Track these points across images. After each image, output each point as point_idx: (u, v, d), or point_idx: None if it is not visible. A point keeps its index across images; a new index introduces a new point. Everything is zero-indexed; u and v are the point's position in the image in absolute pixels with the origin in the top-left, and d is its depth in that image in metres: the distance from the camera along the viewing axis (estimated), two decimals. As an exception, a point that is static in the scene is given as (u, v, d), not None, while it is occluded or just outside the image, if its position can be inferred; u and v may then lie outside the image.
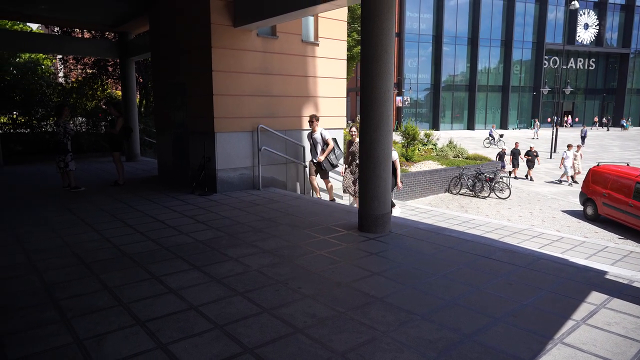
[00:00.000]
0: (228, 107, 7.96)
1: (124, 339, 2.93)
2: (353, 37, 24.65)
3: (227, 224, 5.96)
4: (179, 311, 3.33)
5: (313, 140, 8.63)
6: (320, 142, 8.62)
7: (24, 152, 13.77)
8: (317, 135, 8.59)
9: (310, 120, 8.56)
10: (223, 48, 7.81)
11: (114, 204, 7.22)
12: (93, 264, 4.36)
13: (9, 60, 16.24)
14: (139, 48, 12.90)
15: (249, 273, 4.12)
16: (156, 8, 9.51)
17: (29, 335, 2.99)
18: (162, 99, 9.73)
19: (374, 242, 5.13)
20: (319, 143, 8.62)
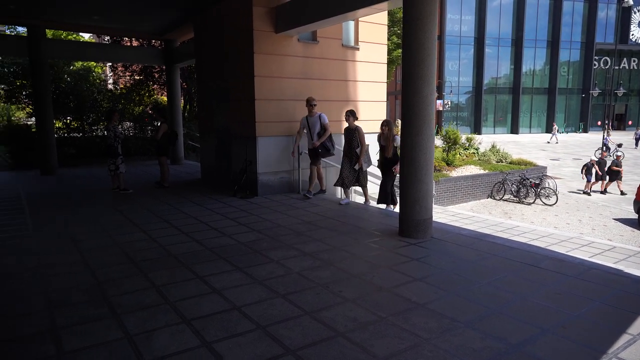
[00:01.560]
0: (269, 112, 8.09)
1: (170, 336, 3.03)
2: (393, 40, 24.50)
3: (268, 226, 6.05)
4: (222, 311, 3.41)
5: (309, 123, 7.91)
6: (318, 126, 7.88)
7: (76, 155, 14.47)
8: (314, 119, 7.87)
9: (311, 103, 7.87)
10: (265, 54, 7.95)
11: (160, 205, 7.48)
12: (141, 263, 4.54)
13: (64, 68, 17.14)
14: (184, 55, 13.33)
15: (290, 275, 4.17)
16: (201, 16, 9.80)
17: (83, 329, 3.14)
18: (205, 104, 10.01)
19: (414, 247, 5.07)
20: (315, 126, 7.88)
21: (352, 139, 7.56)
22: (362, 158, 7.50)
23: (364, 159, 7.54)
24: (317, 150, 7.94)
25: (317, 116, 7.90)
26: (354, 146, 7.56)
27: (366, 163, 7.61)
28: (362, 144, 7.50)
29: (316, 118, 7.90)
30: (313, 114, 7.92)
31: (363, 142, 7.51)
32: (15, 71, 16.78)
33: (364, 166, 7.56)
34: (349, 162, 7.65)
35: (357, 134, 7.52)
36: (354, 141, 7.55)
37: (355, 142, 7.54)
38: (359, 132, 7.52)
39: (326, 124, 7.91)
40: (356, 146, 7.52)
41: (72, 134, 15.85)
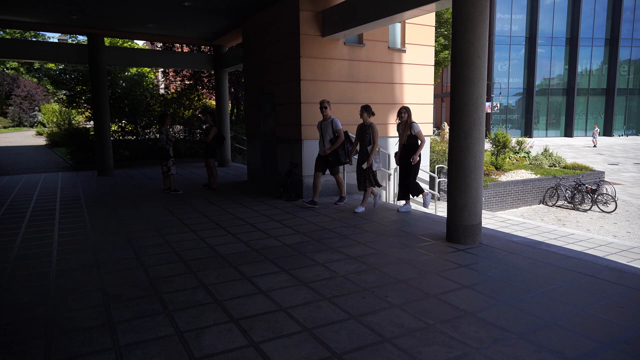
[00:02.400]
0: (315, 115, 8.13)
1: (219, 335, 3.09)
2: (439, 41, 24.05)
3: (313, 229, 6.08)
4: (269, 312, 3.45)
5: (322, 127, 7.43)
6: (330, 131, 7.32)
7: (130, 156, 15.13)
8: (327, 123, 7.38)
9: (322, 106, 7.31)
10: (311, 57, 8.01)
11: (208, 206, 7.68)
12: (191, 262, 4.67)
13: (119, 74, 17.99)
14: (232, 60, 13.65)
15: (336, 279, 4.16)
16: (249, 22, 10.01)
17: (137, 323, 3.27)
18: (252, 108, 10.20)
19: (463, 253, 4.94)
20: (327, 132, 7.35)
21: (365, 135, 7.00)
22: (372, 156, 6.92)
23: (374, 158, 6.98)
24: (327, 159, 7.41)
25: (330, 121, 7.34)
26: (365, 143, 7.01)
27: (376, 163, 7.05)
28: (375, 141, 6.92)
29: (328, 123, 7.35)
30: (326, 118, 7.37)
31: (376, 140, 6.93)
32: (76, 77, 17.77)
33: (373, 165, 6.97)
34: (358, 160, 7.21)
35: (370, 131, 6.96)
36: (366, 138, 6.99)
37: (368, 139, 6.98)
38: (372, 129, 6.95)
39: (339, 129, 7.29)
40: (368, 143, 6.98)
41: (126, 137, 16.58)
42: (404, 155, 6.98)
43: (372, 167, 6.98)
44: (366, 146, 7.00)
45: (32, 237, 5.77)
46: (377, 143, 6.92)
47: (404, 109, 6.86)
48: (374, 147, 6.92)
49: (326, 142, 7.36)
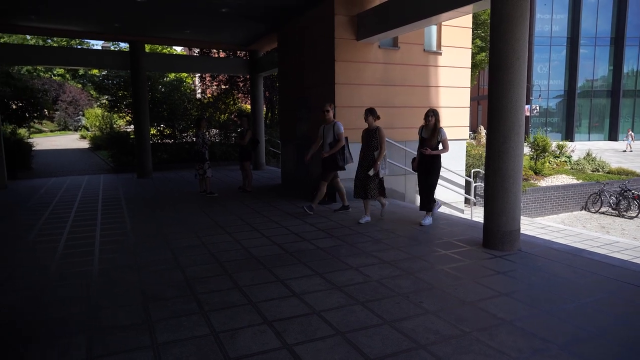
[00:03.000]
0: (349, 119, 8.12)
1: (253, 336, 3.13)
2: (476, 43, 23.59)
3: (347, 233, 6.06)
4: (302, 314, 3.46)
5: (324, 131, 7.25)
6: (331, 135, 7.10)
7: (168, 159, 15.55)
8: (329, 127, 7.17)
9: (325, 109, 7.19)
10: (345, 61, 8.02)
11: (243, 209, 7.79)
12: (226, 264, 4.75)
13: (159, 79, 18.54)
14: (267, 64, 13.82)
15: (369, 283, 4.13)
16: (284, 27, 10.12)
17: (175, 322, 3.34)
18: (286, 112, 10.29)
19: (500, 260, 4.81)
20: (328, 135, 7.14)
21: (371, 140, 6.58)
22: (378, 163, 6.48)
23: (381, 165, 6.54)
24: (325, 163, 7.19)
25: (332, 124, 7.15)
26: (372, 148, 6.57)
27: (383, 170, 6.61)
28: (382, 146, 6.51)
29: (330, 126, 7.16)
30: (328, 122, 7.20)
31: (383, 144, 6.52)
32: (118, 83, 18.43)
33: (380, 172, 6.53)
34: (364, 167, 6.65)
35: (377, 135, 6.55)
36: (372, 143, 6.56)
37: (375, 144, 6.55)
38: (379, 133, 6.54)
39: (340, 133, 7.05)
40: (375, 148, 6.56)
41: (164, 140, 17.06)
42: (425, 163, 6.40)
43: (379, 174, 6.55)
44: (372, 152, 6.55)
45: (75, 237, 6.01)
46: (384, 148, 6.52)
47: (432, 112, 6.35)
48: (381, 152, 6.50)
49: (326, 145, 7.18)
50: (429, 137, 6.36)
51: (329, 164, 7.18)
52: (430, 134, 6.36)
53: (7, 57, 12.33)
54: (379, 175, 6.56)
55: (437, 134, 6.30)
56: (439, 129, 6.30)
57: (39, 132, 35.36)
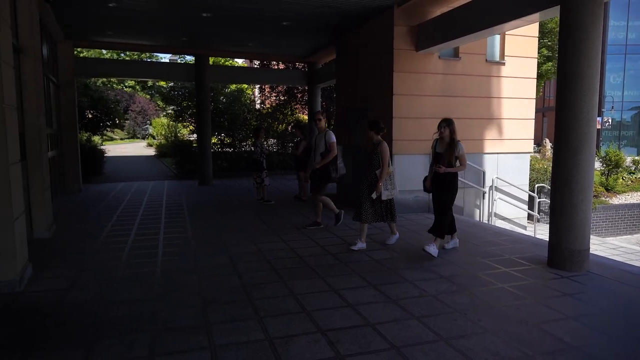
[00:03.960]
0: (407, 130, 8.04)
1: (307, 344, 3.14)
2: (542, 53, 22.60)
3: (402, 245, 5.96)
4: (356, 326, 3.43)
5: (316, 141, 6.90)
6: (322, 145, 6.72)
7: (228, 167, 16.06)
8: (320, 136, 6.81)
9: (316, 117, 6.85)
10: (404, 72, 7.96)
11: (298, 217, 7.88)
12: (281, 271, 4.81)
13: (221, 90, 19.28)
14: (325, 76, 14.00)
15: (425, 298, 4.03)
16: (343, 39, 10.21)
17: (231, 326, 3.43)
18: (343, 123, 10.34)
19: (567, 281, 4.53)
20: (319, 145, 6.78)
21: (372, 157, 5.74)
22: (381, 182, 5.63)
23: (384, 185, 5.68)
24: (316, 173, 6.82)
25: (324, 133, 6.76)
26: (374, 166, 5.73)
27: (387, 190, 5.73)
28: (384, 164, 5.64)
29: (322, 135, 6.78)
30: (321, 130, 6.82)
31: (385, 162, 5.64)
32: (183, 94, 19.35)
33: (383, 194, 5.67)
34: (367, 188, 5.79)
35: (378, 151, 5.69)
36: (374, 160, 5.73)
37: (376, 162, 5.71)
38: (380, 149, 5.67)
39: (331, 143, 6.63)
40: (377, 166, 5.71)
41: (224, 149, 17.66)
42: (440, 182, 5.48)
43: (382, 195, 5.68)
44: (374, 170, 5.72)
45: (141, 239, 6.33)
46: (386, 167, 5.64)
47: (444, 122, 5.42)
48: (383, 171, 5.63)
49: (317, 155, 6.82)
50: (444, 152, 5.43)
51: (321, 175, 6.76)
52: (445, 148, 5.43)
53: (86, 70, 13.31)
54: (382, 197, 5.69)
55: (454, 149, 5.34)
56: (456, 142, 5.37)
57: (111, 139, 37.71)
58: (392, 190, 5.77)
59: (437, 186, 5.53)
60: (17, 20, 5.86)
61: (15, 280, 4.21)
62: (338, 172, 6.80)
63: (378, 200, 5.69)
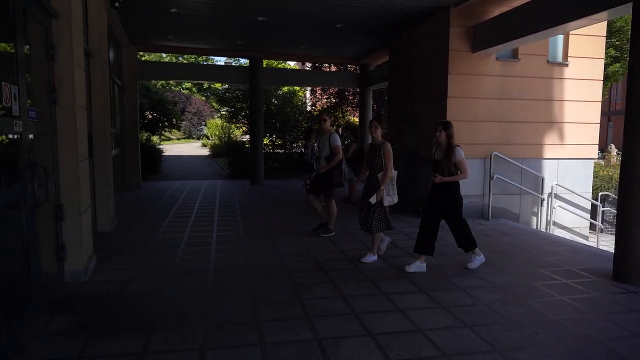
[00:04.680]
0: (460, 133, 7.74)
1: (355, 347, 3.12)
2: (609, 53, 21.32)
3: (454, 251, 5.80)
4: (406, 331, 3.38)
5: (320, 143, 6.58)
6: (327, 148, 6.36)
7: (278, 168, 16.31)
8: (325, 138, 6.45)
9: (322, 118, 6.57)
10: (459, 74, 7.77)
11: (347, 219, 7.87)
12: (330, 272, 4.83)
13: (272, 93, 19.63)
14: (377, 78, 13.92)
15: (478, 306, 3.91)
16: (396, 40, 10.11)
17: (281, 324, 3.47)
18: (395, 126, 10.23)
19: (635, 296, 4.25)
20: (324, 148, 6.42)
21: (374, 159, 5.16)
22: (382, 188, 5.04)
23: (386, 190, 5.09)
24: (319, 179, 6.41)
25: (328, 135, 6.40)
26: (376, 169, 5.15)
27: (389, 196, 5.14)
28: (387, 167, 5.06)
29: (327, 137, 6.41)
30: (325, 132, 6.49)
31: (388, 164, 5.07)
32: (237, 96, 19.87)
33: (385, 199, 5.09)
34: (367, 192, 5.25)
35: (381, 152, 5.13)
36: (376, 162, 5.14)
37: (379, 164, 5.13)
38: (384, 149, 5.11)
39: (336, 146, 6.27)
40: (379, 169, 5.14)
41: (275, 150, 17.96)
42: (439, 194, 4.92)
43: (384, 201, 5.10)
44: (376, 173, 5.14)
45: (195, 235, 6.55)
46: (390, 169, 5.06)
47: (442, 125, 4.91)
48: (386, 174, 5.05)
49: (322, 159, 6.50)
50: (441, 158, 4.89)
51: (324, 180, 6.37)
52: (443, 154, 4.88)
53: (147, 73, 13.96)
54: (384, 204, 5.12)
55: (452, 154, 4.80)
56: (454, 147, 4.83)
57: (168, 139, 39.33)
58: (393, 196, 5.17)
59: (438, 199, 4.91)
60: (88, 26, 6.24)
61: (81, 270, 4.47)
62: (343, 177, 6.51)
63: (379, 205, 5.12)
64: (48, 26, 4.02)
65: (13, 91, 3.12)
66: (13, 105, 3.12)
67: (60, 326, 3.42)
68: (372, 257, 5.28)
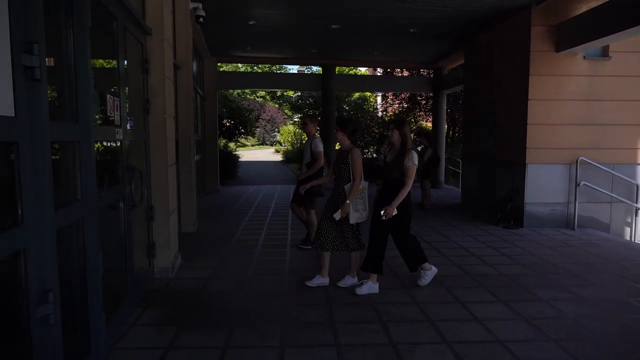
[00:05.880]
0: (543, 137, 7.44)
1: (431, 353, 3.09)
2: None
3: (535, 261, 5.52)
4: (484, 341, 3.28)
5: (304, 148, 6.10)
6: (308, 153, 5.84)
7: (349, 174, 16.37)
8: (307, 142, 5.96)
9: (304, 121, 6.09)
10: (541, 75, 7.38)
11: (420, 226, 7.74)
12: (404, 278, 4.79)
13: (344, 99, 19.84)
14: (452, 81, 13.58)
15: (563, 320, 3.69)
16: (472, 42, 9.83)
17: (354, 327, 3.51)
18: (470, 130, 9.93)
19: None
20: (306, 153, 5.93)
21: (341, 167, 4.42)
22: (349, 200, 4.26)
23: (353, 204, 4.29)
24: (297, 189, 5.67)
25: (311, 140, 5.89)
26: (343, 179, 4.41)
27: (357, 211, 4.34)
28: (356, 176, 4.30)
29: (309, 142, 5.92)
30: (310, 136, 5.95)
31: (357, 173, 4.30)
32: (309, 103, 20.31)
33: (351, 216, 4.30)
34: (331, 205, 4.49)
35: (349, 160, 4.37)
36: (343, 171, 4.40)
37: (347, 173, 4.39)
38: (352, 156, 4.35)
39: (317, 152, 5.67)
40: (347, 179, 4.39)
41: (347, 156, 18.07)
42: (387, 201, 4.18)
43: (350, 217, 4.31)
44: (344, 184, 4.39)
45: (271, 237, 6.78)
46: (359, 179, 4.29)
47: (394, 124, 4.34)
48: (354, 185, 4.28)
49: (303, 165, 6.01)
50: (391, 162, 4.32)
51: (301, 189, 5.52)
52: (395, 157, 4.27)
53: (225, 82, 14.70)
54: (350, 220, 4.32)
55: (405, 158, 4.13)
56: (407, 150, 4.16)
57: (243, 145, 40.96)
58: (362, 211, 4.38)
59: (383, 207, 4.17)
60: (175, 40, 6.72)
61: (169, 267, 4.81)
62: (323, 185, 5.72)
63: (345, 223, 4.38)
64: (143, 42, 4.40)
65: (115, 102, 3.45)
66: (115, 116, 3.46)
67: (152, 319, 3.71)
68: (351, 279, 4.53)
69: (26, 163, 1.92)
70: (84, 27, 2.61)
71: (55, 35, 2.43)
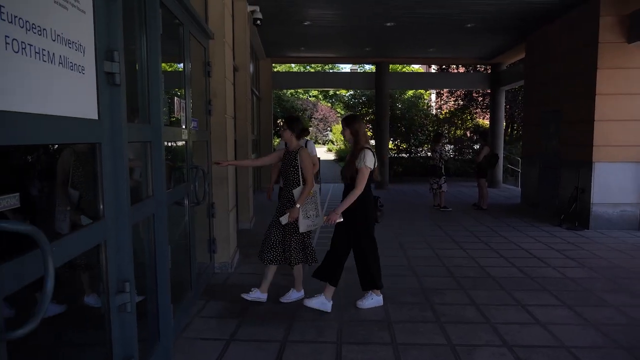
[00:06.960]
0: (612, 134, 7.02)
1: (491, 356, 3.02)
2: None
3: (603, 265, 5.24)
4: (548, 346, 3.17)
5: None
6: None
7: (402, 173, 16.21)
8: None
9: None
10: (611, 68, 6.97)
11: (478, 226, 7.54)
12: (461, 279, 4.70)
13: (397, 97, 19.56)
14: (511, 77, 13.09)
15: (636, 327, 3.49)
16: (533, 36, 9.43)
17: (411, 327, 3.50)
18: (532, 127, 9.54)
19: None
20: None
21: (289, 169, 3.97)
22: (299, 204, 3.84)
23: (303, 210, 3.88)
24: None
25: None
26: (291, 182, 3.95)
27: (308, 218, 3.93)
28: (307, 179, 3.88)
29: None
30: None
31: (308, 175, 3.88)
32: (363, 101, 20.22)
33: (301, 224, 3.88)
34: (280, 213, 4.02)
35: (297, 161, 3.93)
36: (290, 174, 3.96)
37: (295, 175, 3.95)
38: (301, 157, 3.90)
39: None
40: (296, 183, 3.93)
41: (400, 155, 17.86)
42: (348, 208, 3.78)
43: (300, 225, 3.88)
44: (292, 188, 3.93)
45: (325, 236, 6.83)
46: (310, 183, 3.88)
47: (344, 121, 3.91)
48: (305, 189, 3.86)
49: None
50: (345, 163, 3.93)
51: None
52: (347, 158, 3.92)
53: (280, 83, 14.96)
54: (300, 229, 3.89)
55: (357, 159, 3.72)
56: (359, 149, 3.74)
57: (296, 145, 41.42)
58: (314, 217, 3.98)
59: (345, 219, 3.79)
60: (234, 43, 6.94)
61: (228, 262, 5.00)
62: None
63: (293, 231, 3.93)
64: (206, 46, 4.60)
65: (182, 104, 3.64)
66: (181, 117, 3.64)
67: (214, 311, 3.87)
68: (297, 294, 4.13)
69: (107, 162, 2.09)
70: (155, 34, 2.78)
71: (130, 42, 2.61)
